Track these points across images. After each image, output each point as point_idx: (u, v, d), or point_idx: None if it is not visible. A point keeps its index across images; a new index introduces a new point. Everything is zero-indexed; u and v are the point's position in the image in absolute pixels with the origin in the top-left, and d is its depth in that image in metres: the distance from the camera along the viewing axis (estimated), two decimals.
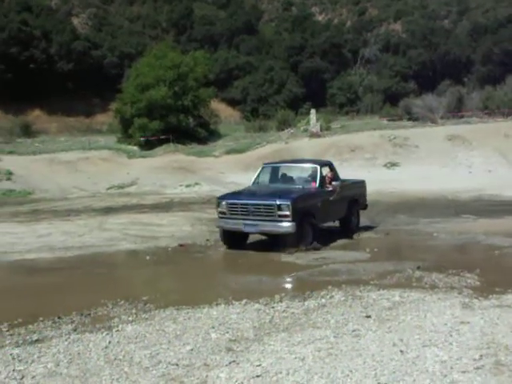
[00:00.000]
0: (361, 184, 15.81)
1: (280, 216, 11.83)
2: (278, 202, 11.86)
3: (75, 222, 17.98)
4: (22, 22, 58.93)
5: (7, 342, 6.79)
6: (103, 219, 18.50)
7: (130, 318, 7.50)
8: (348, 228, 14.42)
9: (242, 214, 12.36)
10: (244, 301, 8.12)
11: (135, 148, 40.96)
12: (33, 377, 5.65)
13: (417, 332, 6.50)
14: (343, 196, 13.82)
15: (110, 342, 6.52)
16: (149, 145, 40.85)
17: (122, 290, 9.34)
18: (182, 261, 11.96)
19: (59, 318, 7.66)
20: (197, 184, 30.25)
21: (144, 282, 10.05)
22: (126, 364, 5.88)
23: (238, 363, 5.82)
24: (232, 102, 67.39)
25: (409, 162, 32.62)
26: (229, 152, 38.37)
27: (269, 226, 12.12)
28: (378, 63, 78.46)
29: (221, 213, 12.69)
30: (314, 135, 39.76)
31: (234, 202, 12.66)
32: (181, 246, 13.15)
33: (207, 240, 13.69)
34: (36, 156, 37.22)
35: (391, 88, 71.90)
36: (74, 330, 7.11)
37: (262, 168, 14.34)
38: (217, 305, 8.01)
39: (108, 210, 21.28)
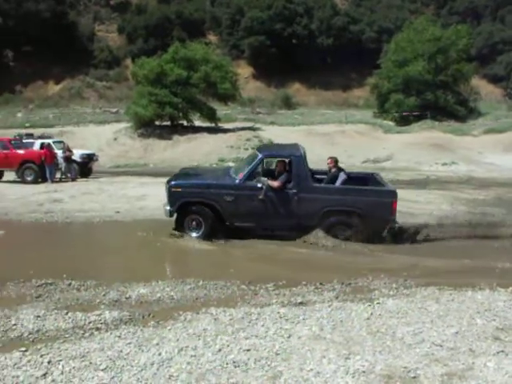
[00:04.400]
0: (379, 193, 11.07)
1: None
2: (167, 184, 11.36)
3: None
4: None
5: (273, 300, 7.20)
6: None
7: (391, 293, 7.48)
8: None
9: None
10: (510, 288, 7.63)
11: (391, 123, 40.75)
12: (299, 337, 5.90)
13: None
14: (306, 200, 10.76)
15: (371, 314, 6.56)
16: (404, 120, 40.39)
17: (381, 263, 9.37)
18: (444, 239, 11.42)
19: (321, 284, 7.92)
20: (454, 163, 29.28)
21: (404, 258, 9.90)
22: (388, 338, 5.87)
23: (506, 354, 5.50)
24: (494, 79, 63.27)
25: None
26: (488, 131, 36.44)
27: (163, 209, 11.63)
28: None
29: None
30: None
31: None
32: None
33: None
34: (295, 127, 38.86)
35: None
36: (336, 298, 7.29)
37: None
38: (480, 289, 7.63)
39: None
